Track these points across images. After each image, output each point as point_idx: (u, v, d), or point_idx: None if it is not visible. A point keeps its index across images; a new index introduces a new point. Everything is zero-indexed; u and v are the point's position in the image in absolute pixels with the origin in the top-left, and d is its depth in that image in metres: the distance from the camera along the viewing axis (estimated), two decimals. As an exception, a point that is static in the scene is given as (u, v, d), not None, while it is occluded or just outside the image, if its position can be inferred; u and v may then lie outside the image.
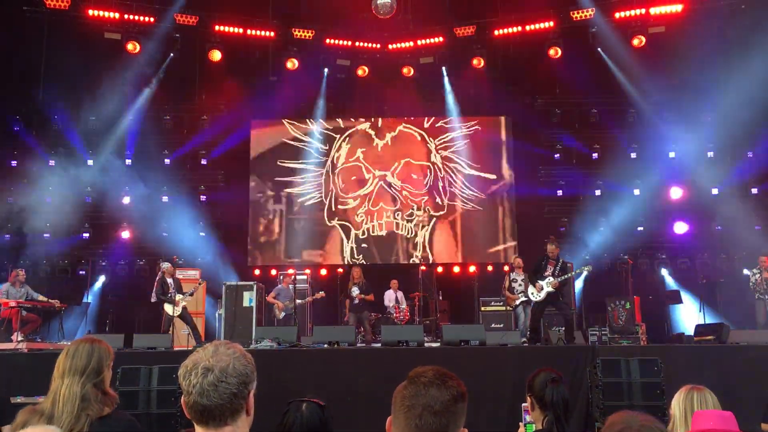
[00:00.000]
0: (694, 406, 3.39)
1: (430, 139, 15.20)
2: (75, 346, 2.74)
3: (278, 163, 15.10)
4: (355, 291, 11.65)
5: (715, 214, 14.29)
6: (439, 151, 15.11)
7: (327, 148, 15.17)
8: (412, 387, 1.67)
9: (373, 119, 15.30)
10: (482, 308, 12.22)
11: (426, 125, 15.27)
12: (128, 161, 14.47)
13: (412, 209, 14.80)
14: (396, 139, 15.18)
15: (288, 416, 2.69)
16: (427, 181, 14.99)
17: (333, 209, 14.94)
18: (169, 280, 10.78)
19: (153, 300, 11.00)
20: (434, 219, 14.84)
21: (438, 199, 14.90)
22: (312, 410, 2.71)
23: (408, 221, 14.79)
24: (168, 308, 10.55)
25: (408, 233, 14.77)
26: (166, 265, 10.97)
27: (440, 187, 14.93)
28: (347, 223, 14.86)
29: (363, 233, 14.80)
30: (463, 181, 15.03)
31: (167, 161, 14.59)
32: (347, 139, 15.19)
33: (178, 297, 10.58)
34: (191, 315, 10.98)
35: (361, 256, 14.71)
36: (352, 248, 14.75)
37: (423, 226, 14.77)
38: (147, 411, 6.84)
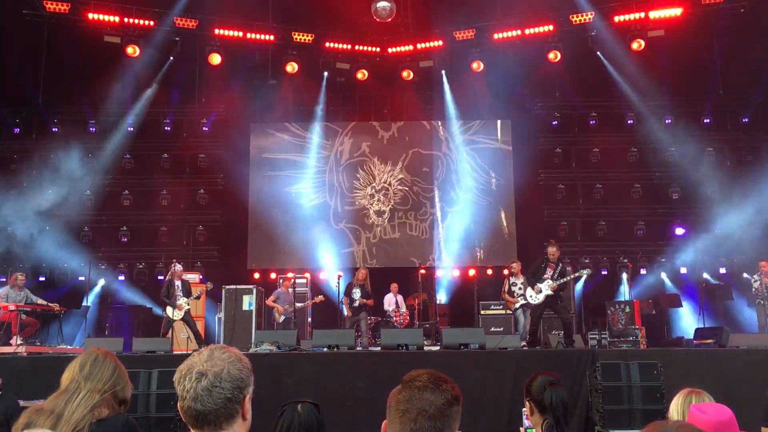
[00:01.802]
0: (692, 410, 3.37)
1: (439, 126, 14.61)
2: (102, 358, 2.68)
3: (278, 165, 15.08)
4: (357, 294, 11.60)
5: (715, 218, 14.31)
6: (449, 139, 14.47)
7: (329, 142, 14.81)
8: (406, 391, 1.66)
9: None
10: (482, 312, 12.19)
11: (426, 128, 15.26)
12: (128, 165, 14.48)
13: (425, 206, 14.20)
14: (402, 129, 14.55)
15: (284, 417, 2.69)
16: (439, 173, 14.61)
17: (339, 210, 14.61)
18: (177, 283, 10.57)
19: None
20: (449, 214, 14.19)
21: (452, 193, 14.33)
22: (309, 410, 2.71)
23: (421, 221, 14.27)
24: (169, 311, 10.47)
25: (422, 234, 14.17)
26: (177, 268, 10.78)
27: (453, 180, 14.38)
28: (357, 227, 14.42)
29: (374, 236, 14.27)
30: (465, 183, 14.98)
31: (167, 165, 14.61)
32: (349, 132, 14.78)
33: (181, 301, 10.52)
34: (194, 319, 10.84)
35: (374, 261, 14.14)
36: (363, 252, 14.33)
37: (437, 224, 14.14)
38: (146, 414, 6.85)
